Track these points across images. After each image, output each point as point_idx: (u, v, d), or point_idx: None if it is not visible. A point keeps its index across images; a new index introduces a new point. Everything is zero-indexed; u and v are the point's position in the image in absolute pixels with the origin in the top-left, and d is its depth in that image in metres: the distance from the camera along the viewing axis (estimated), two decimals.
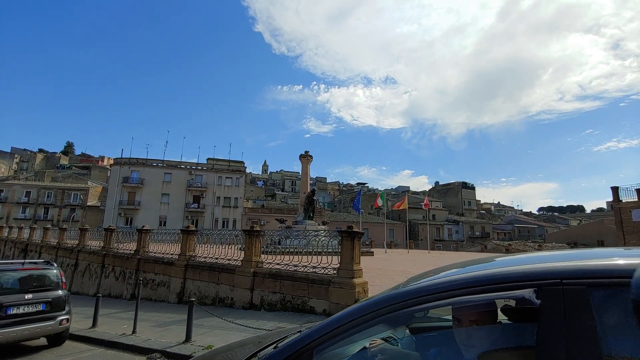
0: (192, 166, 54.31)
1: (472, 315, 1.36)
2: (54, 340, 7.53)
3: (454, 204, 75.93)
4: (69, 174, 74.26)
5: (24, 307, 6.86)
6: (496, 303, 1.33)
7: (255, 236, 9.97)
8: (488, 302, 1.27)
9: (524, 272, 1.25)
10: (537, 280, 1.19)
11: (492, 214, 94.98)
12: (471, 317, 1.36)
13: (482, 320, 1.36)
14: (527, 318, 1.24)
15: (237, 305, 9.70)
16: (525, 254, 1.69)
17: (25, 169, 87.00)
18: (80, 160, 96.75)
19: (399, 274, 12.47)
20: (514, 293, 1.18)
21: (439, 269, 1.75)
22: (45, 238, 21.69)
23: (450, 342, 1.55)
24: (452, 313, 1.42)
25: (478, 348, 1.32)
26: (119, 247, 15.23)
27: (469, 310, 1.33)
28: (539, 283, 1.18)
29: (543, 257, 1.44)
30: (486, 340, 1.36)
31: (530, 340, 1.16)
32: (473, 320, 1.36)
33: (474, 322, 1.36)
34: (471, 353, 1.34)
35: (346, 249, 8.07)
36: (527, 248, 44.50)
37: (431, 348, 1.76)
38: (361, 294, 7.78)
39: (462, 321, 1.39)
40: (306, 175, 24.67)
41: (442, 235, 62.93)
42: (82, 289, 15.84)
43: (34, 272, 7.47)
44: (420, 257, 24.78)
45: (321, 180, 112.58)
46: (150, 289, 12.27)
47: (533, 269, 1.25)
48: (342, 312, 1.50)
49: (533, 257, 1.48)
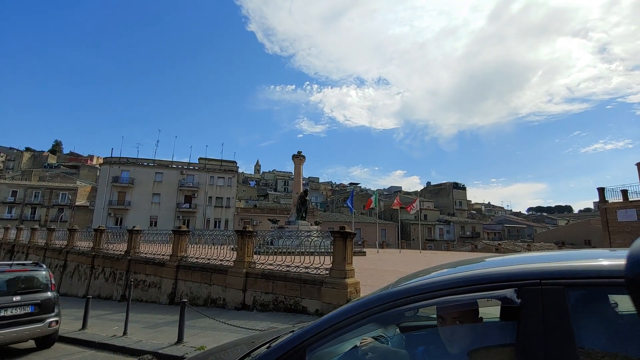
0: (183, 166, 53.83)
1: (455, 314, 1.43)
2: (43, 343, 7.43)
3: (446, 204, 76.69)
4: (57, 173, 72.90)
5: (12, 310, 6.76)
6: (478, 302, 1.40)
7: (247, 237, 9.97)
8: (471, 302, 1.34)
9: (505, 272, 1.32)
10: (517, 280, 1.26)
11: (483, 214, 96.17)
12: (455, 316, 1.43)
13: (465, 318, 1.43)
14: (509, 317, 1.31)
15: (230, 306, 9.68)
16: (508, 255, 1.77)
17: (11, 167, 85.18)
18: (69, 160, 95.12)
19: (390, 274, 12.58)
20: (496, 293, 1.25)
21: (429, 269, 1.82)
22: (33, 239, 21.29)
23: (437, 340, 1.62)
24: (437, 312, 1.48)
25: (462, 345, 1.39)
26: (109, 247, 15.05)
27: (453, 310, 1.40)
28: (519, 283, 1.25)
29: (525, 258, 1.51)
30: (469, 337, 1.42)
31: (512, 338, 1.22)
32: (457, 319, 1.43)
33: (457, 320, 1.43)
34: (455, 350, 1.41)
35: (338, 250, 8.13)
36: (516, 247, 45.16)
37: (420, 346, 1.82)
38: (353, 293, 7.85)
39: (446, 320, 1.46)
40: (299, 176, 24.69)
41: (433, 235, 63.52)
42: (72, 290, 15.60)
43: (22, 273, 7.36)
44: (411, 257, 25.00)
45: (314, 180, 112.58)
46: (141, 290, 12.16)
47: (514, 270, 1.32)
48: (334, 312, 1.55)
49: (515, 259, 1.55)
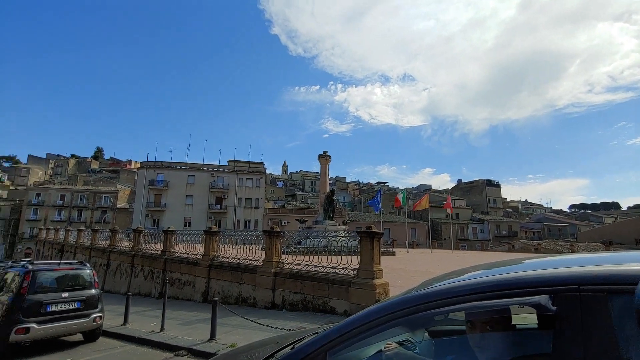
0: (213, 168, 55.60)
1: (486, 320, 1.35)
2: (89, 336, 7.96)
3: (478, 202, 73.73)
4: (100, 178, 77.94)
5: (61, 305, 7.30)
6: (511, 308, 1.31)
7: (275, 237, 10.11)
8: (502, 308, 1.25)
9: (539, 277, 1.23)
10: (553, 286, 1.17)
11: (520, 212, 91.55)
12: (485, 322, 1.35)
13: (496, 325, 1.35)
14: (544, 325, 1.22)
15: (260, 305, 9.87)
16: (544, 257, 1.65)
17: (59, 173, 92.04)
18: (110, 165, 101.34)
19: (420, 274, 12.27)
20: (529, 299, 1.16)
21: (458, 270, 1.74)
22: (79, 239, 22.84)
23: (469, 347, 1.54)
24: (465, 317, 1.40)
25: (493, 354, 1.31)
26: (147, 247, 15.83)
27: (483, 316, 1.32)
28: (555, 289, 1.15)
29: (562, 261, 1.40)
30: (501, 346, 1.34)
31: (547, 348, 1.14)
32: (487, 325, 1.35)
33: (488, 327, 1.35)
34: (486, 359, 1.32)
35: (366, 250, 8.04)
36: (558, 248, 42.58)
37: (450, 353, 1.74)
38: (382, 295, 7.73)
39: (476, 326, 1.38)
40: (325, 176, 24.72)
41: (466, 235, 61.26)
42: (114, 287, 16.58)
43: (69, 271, 7.93)
44: (443, 257, 24.26)
45: (340, 180, 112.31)
46: (176, 288, 12.69)
47: (549, 274, 1.22)
48: (357, 315, 1.52)
49: (551, 262, 1.44)
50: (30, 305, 6.93)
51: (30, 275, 7.19)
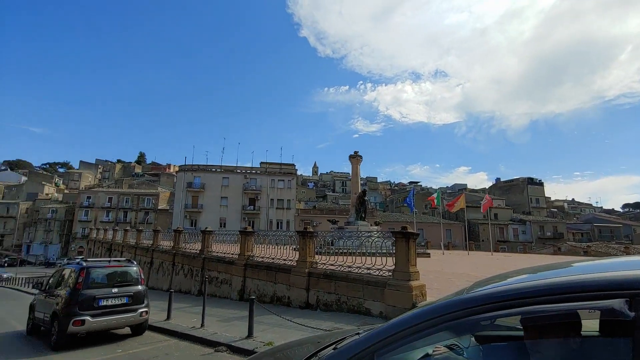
0: (247, 170, 57.16)
1: (548, 327, 1.24)
2: (136, 330, 8.45)
3: (519, 202, 69.80)
4: (142, 181, 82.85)
5: (111, 300, 7.82)
6: (579, 313, 1.19)
7: (309, 237, 10.17)
8: (569, 313, 1.15)
9: (612, 279, 1.11)
10: (629, 289, 1.05)
11: (566, 212, 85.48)
12: (547, 329, 1.24)
13: (560, 332, 1.24)
14: (618, 332, 1.11)
15: (294, 304, 9.97)
16: (609, 258, 1.50)
17: (107, 177, 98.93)
18: (151, 169, 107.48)
19: (459, 277, 11.81)
20: (601, 303, 1.06)
21: (508, 273, 1.63)
22: (125, 239, 24.36)
23: (522, 355, 1.44)
24: (523, 323, 1.30)
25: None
26: (186, 247, 16.56)
27: (545, 321, 1.21)
28: (632, 292, 1.04)
29: (634, 262, 1.27)
30: (566, 355, 1.23)
31: (624, 358, 1.03)
32: (550, 332, 1.24)
33: (551, 334, 1.24)
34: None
35: (401, 251, 7.86)
36: (610, 250, 39.28)
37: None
38: (419, 297, 7.53)
39: (536, 332, 1.27)
40: (356, 176, 24.54)
41: (506, 236, 58.18)
42: (157, 284, 17.51)
43: (118, 269, 8.47)
44: (482, 259, 23.19)
45: (372, 180, 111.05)
46: (214, 286, 13.15)
47: (624, 276, 1.10)
48: (404, 317, 1.47)
49: (620, 263, 1.31)
50: (85, 299, 7.48)
51: (84, 272, 7.76)
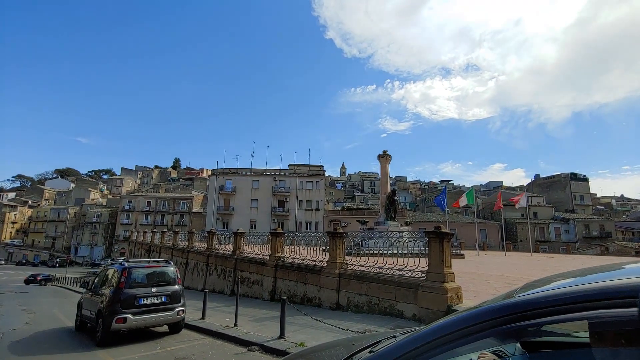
0: (275, 173, 58.07)
1: (620, 332, 1.09)
2: (174, 328, 8.77)
3: (561, 199, 65.63)
4: (178, 185, 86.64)
5: (151, 299, 8.17)
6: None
7: (338, 238, 10.10)
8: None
9: None
10: None
11: (614, 210, 79.23)
12: (619, 334, 1.10)
13: (632, 339, 1.09)
14: None
15: (325, 305, 9.94)
16: None
17: (145, 182, 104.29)
18: (186, 173, 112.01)
19: (496, 279, 11.24)
20: None
21: (572, 272, 1.47)
22: (163, 240, 25.54)
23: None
24: (590, 328, 1.16)
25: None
26: (219, 248, 17.05)
27: (617, 327, 1.07)
28: None
29: None
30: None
31: None
32: (621, 338, 1.09)
33: (622, 340, 1.09)
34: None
35: (435, 251, 7.60)
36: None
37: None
38: (454, 299, 7.23)
39: (606, 338, 1.13)
40: (386, 175, 24.15)
41: (547, 236, 54.85)
42: (192, 284, 18.17)
43: (156, 269, 8.84)
44: (521, 260, 21.99)
45: (401, 179, 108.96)
46: (246, 286, 13.42)
47: None
48: (446, 321, 1.38)
49: None
50: (127, 298, 7.87)
51: (126, 272, 8.18)
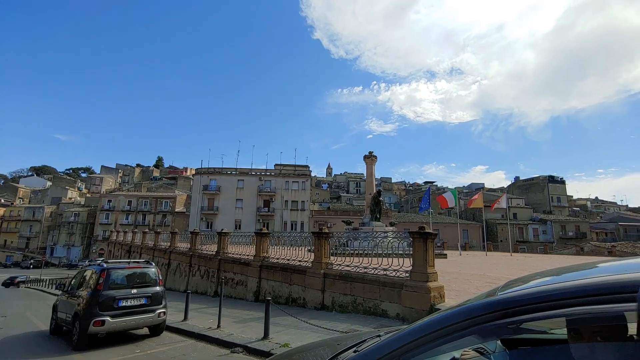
0: (261, 172, 57.63)
1: (597, 329, 1.12)
2: (154, 330, 8.55)
3: (540, 201, 67.75)
4: (160, 185, 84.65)
5: (130, 300, 7.93)
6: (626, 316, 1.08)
7: (324, 238, 10.10)
8: (618, 315, 1.03)
9: None
10: None
11: (589, 211, 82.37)
12: (596, 331, 1.13)
13: (610, 335, 1.12)
14: None
15: (309, 305, 9.91)
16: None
17: (127, 181, 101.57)
18: (169, 172, 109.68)
19: (478, 278, 11.49)
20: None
21: (552, 270, 1.50)
22: (144, 241, 24.90)
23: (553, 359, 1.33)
24: (568, 325, 1.19)
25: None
26: (203, 248, 16.76)
27: (594, 323, 1.10)
28: None
29: None
30: (616, 359, 1.11)
31: None
32: (598, 335, 1.12)
33: (599, 336, 1.12)
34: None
35: (418, 251, 7.70)
36: (637, 250, 37.59)
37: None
38: (437, 298, 7.34)
39: (583, 335, 1.16)
40: (371, 176, 24.33)
41: (526, 236, 56.57)
42: (174, 285, 17.78)
43: (137, 270, 8.60)
44: (501, 260, 22.57)
45: (386, 180, 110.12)
46: (230, 287, 13.24)
47: None
48: (430, 319, 1.38)
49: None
50: (105, 300, 7.62)
51: (105, 273, 7.92)
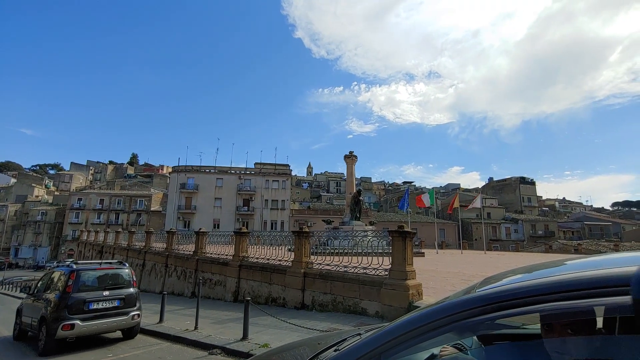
0: (241, 171, 56.77)
1: (567, 323, 1.17)
2: (128, 334, 8.26)
3: (512, 201, 70.52)
4: (135, 182, 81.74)
5: (102, 303, 7.62)
6: (595, 310, 1.13)
7: (304, 237, 10.08)
8: (587, 309, 1.08)
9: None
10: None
11: (557, 211, 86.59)
12: (567, 326, 1.18)
13: (580, 328, 1.17)
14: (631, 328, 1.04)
15: (289, 305, 9.87)
16: (621, 253, 1.44)
17: (98, 179, 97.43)
18: (144, 170, 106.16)
19: (454, 276, 11.83)
20: (625, 299, 0.99)
21: (528, 267, 1.55)
22: (117, 241, 23.98)
23: (531, 354, 1.38)
24: (542, 320, 1.23)
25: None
26: (180, 248, 16.33)
27: (566, 318, 1.15)
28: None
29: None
30: (585, 351, 1.17)
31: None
32: (568, 328, 1.17)
33: (569, 330, 1.17)
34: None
35: (397, 250, 7.82)
36: (600, 248, 39.88)
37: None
38: (415, 296, 7.49)
39: (555, 329, 1.21)
40: (351, 176, 24.51)
41: (499, 235, 58.77)
42: (150, 286, 17.24)
43: (109, 271, 8.27)
44: (476, 258, 23.34)
45: (366, 180, 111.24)
46: (208, 287, 12.98)
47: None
48: (410, 317, 1.40)
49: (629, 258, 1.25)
50: (75, 302, 7.28)
51: (74, 275, 7.56)
